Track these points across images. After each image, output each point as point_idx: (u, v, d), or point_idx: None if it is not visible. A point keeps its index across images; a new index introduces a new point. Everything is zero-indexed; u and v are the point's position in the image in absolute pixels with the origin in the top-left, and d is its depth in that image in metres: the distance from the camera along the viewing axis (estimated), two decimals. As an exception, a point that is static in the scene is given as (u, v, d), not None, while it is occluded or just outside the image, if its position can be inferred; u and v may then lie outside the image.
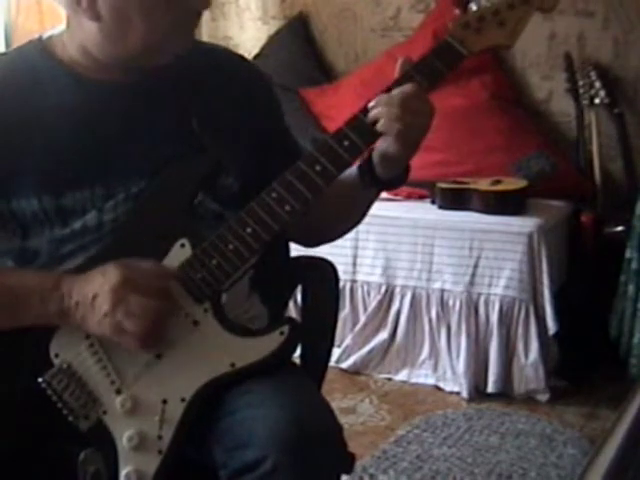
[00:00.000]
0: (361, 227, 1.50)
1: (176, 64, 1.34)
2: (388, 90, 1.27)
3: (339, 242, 1.54)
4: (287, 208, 1.25)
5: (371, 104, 1.27)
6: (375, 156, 1.32)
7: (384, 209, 3.03)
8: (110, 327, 1.22)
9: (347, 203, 1.42)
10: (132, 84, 1.34)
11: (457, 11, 1.28)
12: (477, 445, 2.64)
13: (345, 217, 1.49)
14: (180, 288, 1.26)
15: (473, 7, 1.28)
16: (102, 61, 1.32)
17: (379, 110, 1.25)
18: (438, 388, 3.06)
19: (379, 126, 1.25)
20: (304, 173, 1.25)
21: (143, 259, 1.26)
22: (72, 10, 1.29)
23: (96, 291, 1.22)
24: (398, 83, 1.27)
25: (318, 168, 1.25)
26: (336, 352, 3.11)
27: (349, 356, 3.18)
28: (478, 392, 2.99)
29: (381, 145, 1.29)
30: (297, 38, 3.93)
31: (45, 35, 1.39)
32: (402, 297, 3.14)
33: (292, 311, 2.57)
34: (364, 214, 1.48)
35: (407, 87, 1.25)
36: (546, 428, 2.74)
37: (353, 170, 1.34)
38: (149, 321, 1.21)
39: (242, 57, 1.52)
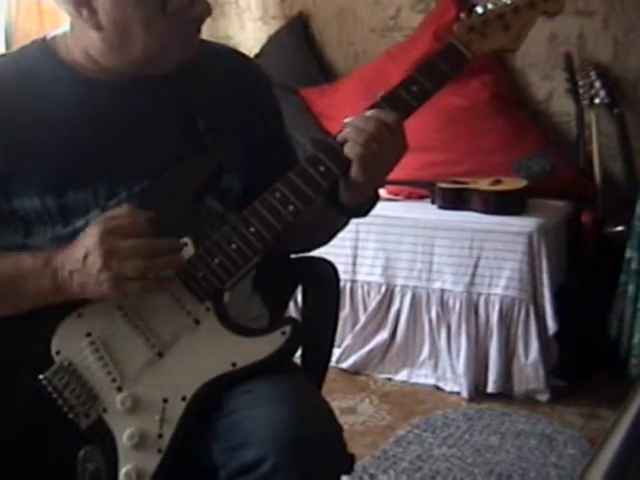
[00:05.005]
0: (361, 227, 1.50)
1: (180, 64, 1.33)
2: (371, 107, 1.25)
3: (339, 242, 1.53)
4: (291, 208, 1.25)
5: (346, 121, 1.26)
6: (341, 181, 1.29)
7: (384, 209, 3.01)
8: (110, 282, 1.21)
9: (313, 222, 1.40)
10: (136, 84, 1.34)
11: (462, 14, 1.27)
12: (477, 445, 2.63)
13: (309, 235, 1.48)
14: (182, 286, 1.26)
15: (478, 10, 1.28)
16: (105, 66, 1.32)
17: (348, 131, 1.25)
18: (438, 388, 3.05)
19: (345, 147, 1.25)
20: (308, 173, 1.25)
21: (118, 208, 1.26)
22: (74, 18, 1.30)
23: (84, 252, 1.22)
24: (377, 107, 1.25)
25: (322, 169, 1.25)
26: (336, 352, 3.11)
27: (349, 356, 3.18)
28: (478, 392, 2.99)
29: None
30: (297, 38, 3.93)
31: (49, 36, 1.39)
32: (402, 297, 3.13)
33: (292, 311, 2.57)
34: (330, 238, 1.48)
35: (384, 114, 1.24)
36: (546, 428, 2.73)
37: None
38: (146, 256, 1.21)
39: (246, 57, 1.52)
